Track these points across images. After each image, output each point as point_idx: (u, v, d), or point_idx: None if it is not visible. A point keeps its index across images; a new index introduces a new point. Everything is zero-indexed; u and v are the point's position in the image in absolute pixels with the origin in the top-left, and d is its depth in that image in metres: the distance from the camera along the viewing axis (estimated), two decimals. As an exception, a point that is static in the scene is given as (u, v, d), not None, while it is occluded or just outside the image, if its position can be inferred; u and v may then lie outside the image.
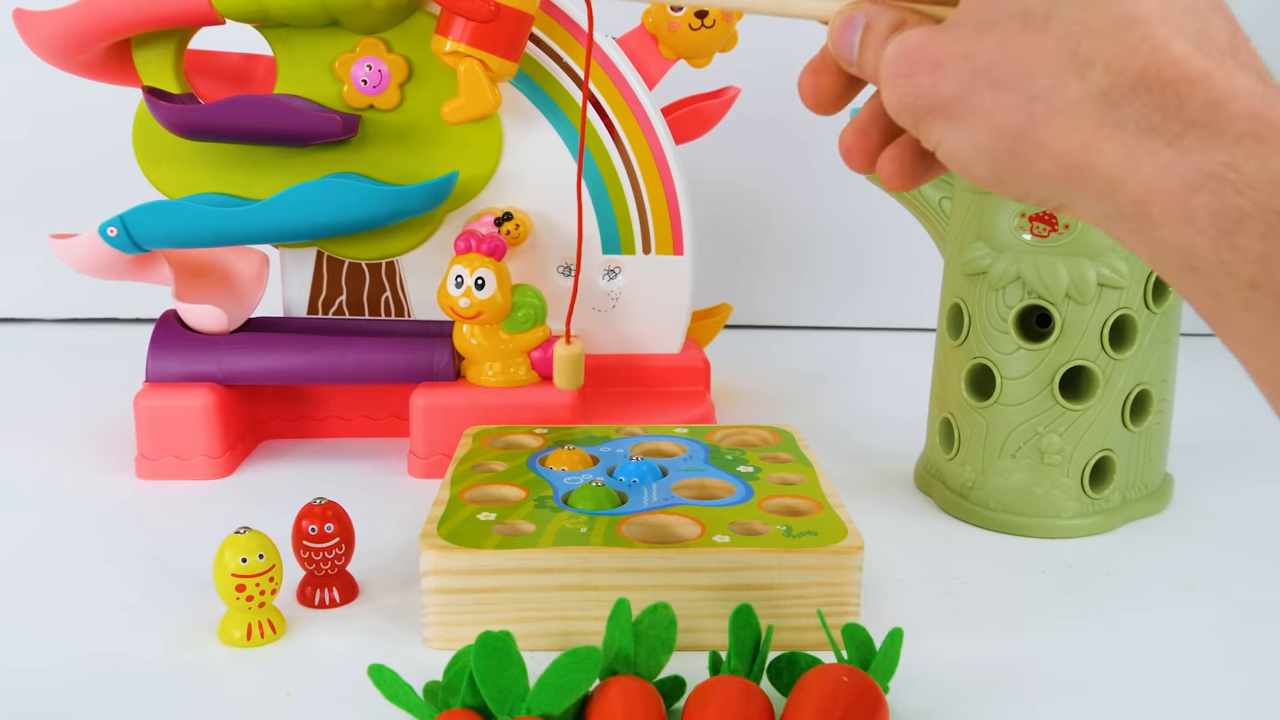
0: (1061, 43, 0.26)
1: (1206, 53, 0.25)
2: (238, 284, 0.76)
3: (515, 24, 0.68)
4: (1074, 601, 0.54)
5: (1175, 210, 0.25)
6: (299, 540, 0.51)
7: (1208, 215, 0.24)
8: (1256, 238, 0.24)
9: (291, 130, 0.68)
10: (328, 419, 0.77)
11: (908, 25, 0.31)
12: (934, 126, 0.29)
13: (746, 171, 1.11)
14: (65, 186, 1.09)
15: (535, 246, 0.75)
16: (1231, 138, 0.24)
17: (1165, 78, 0.25)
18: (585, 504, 0.52)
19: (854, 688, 0.40)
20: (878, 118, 0.34)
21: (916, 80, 0.29)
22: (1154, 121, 0.25)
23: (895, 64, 0.30)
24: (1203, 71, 0.25)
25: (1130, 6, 0.26)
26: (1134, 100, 0.25)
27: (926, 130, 0.30)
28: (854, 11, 0.32)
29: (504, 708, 0.39)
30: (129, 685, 0.45)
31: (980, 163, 0.29)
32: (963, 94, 0.28)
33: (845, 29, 0.32)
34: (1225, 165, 0.24)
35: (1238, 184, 0.24)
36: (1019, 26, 0.27)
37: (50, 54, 0.69)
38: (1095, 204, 0.27)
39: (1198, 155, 0.25)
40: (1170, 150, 0.25)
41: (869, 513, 0.63)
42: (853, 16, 0.32)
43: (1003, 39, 0.27)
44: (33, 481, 0.69)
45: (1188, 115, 0.25)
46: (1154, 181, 0.25)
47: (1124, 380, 0.60)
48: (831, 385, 0.95)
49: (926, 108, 0.29)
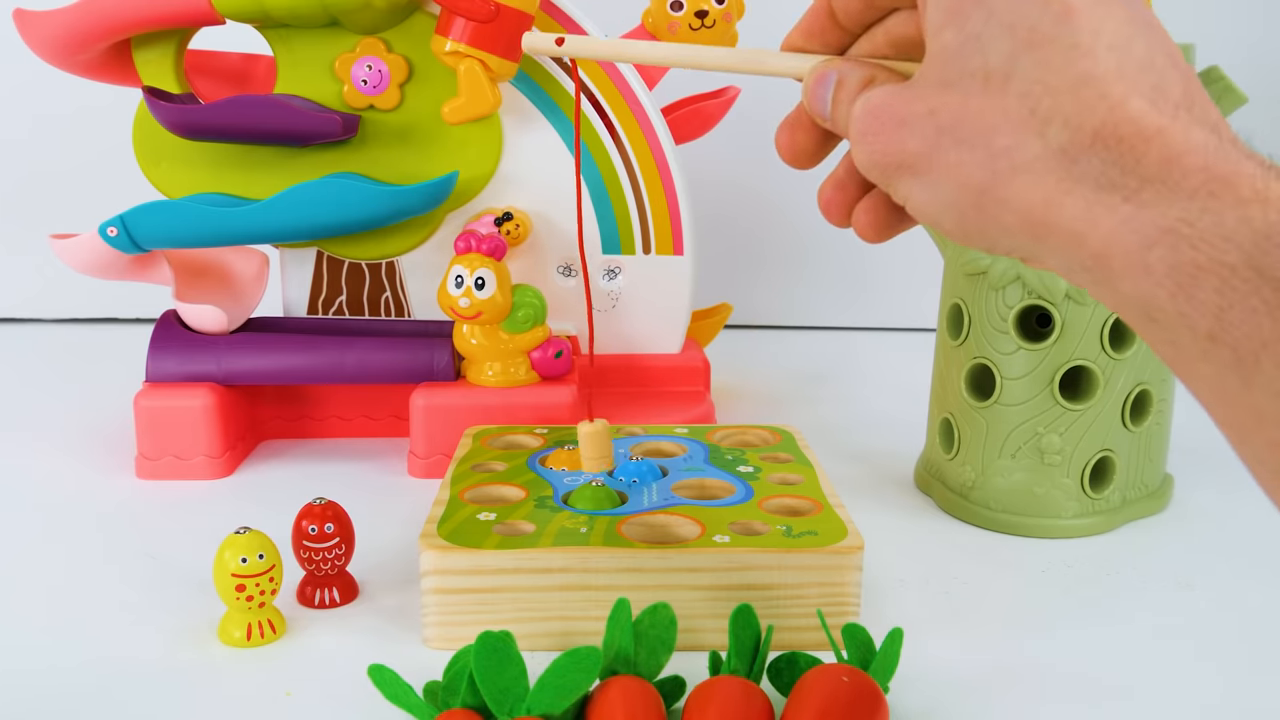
0: (1021, 101, 0.27)
1: (1161, 109, 0.26)
2: (238, 284, 0.76)
3: (515, 24, 0.68)
4: (1074, 601, 0.54)
5: (1133, 264, 0.25)
6: (299, 540, 0.51)
7: (1164, 269, 0.25)
8: (1212, 291, 0.24)
9: (291, 130, 0.69)
10: (328, 419, 0.77)
11: (877, 81, 0.32)
12: (901, 182, 0.30)
13: (746, 171, 1.11)
14: (65, 186, 1.09)
15: (535, 246, 0.75)
16: (1186, 193, 0.25)
17: (1121, 134, 0.26)
18: (585, 504, 0.52)
19: (854, 688, 0.40)
20: (854, 172, 0.34)
21: (884, 137, 0.30)
22: (1112, 177, 0.26)
23: (862, 121, 0.31)
24: (1158, 127, 0.25)
25: (1087, 65, 0.26)
26: (1092, 156, 0.26)
27: (895, 185, 0.31)
28: (826, 68, 0.33)
29: (504, 708, 0.39)
30: (129, 685, 0.45)
31: (948, 216, 0.29)
32: (928, 150, 0.29)
33: (818, 85, 0.33)
34: (1180, 220, 0.25)
35: (1192, 239, 0.24)
36: (980, 85, 0.28)
37: (50, 54, 0.69)
38: (1058, 256, 0.28)
39: (1153, 210, 0.25)
40: (1128, 205, 0.26)
41: (869, 513, 0.63)
42: (825, 73, 0.33)
43: (964, 97, 0.28)
44: (33, 481, 0.69)
45: (1144, 171, 0.25)
46: (1113, 236, 0.26)
47: (1124, 380, 0.60)
48: (831, 385, 0.95)
49: (894, 164, 0.30)
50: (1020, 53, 0.27)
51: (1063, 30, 0.26)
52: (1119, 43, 0.26)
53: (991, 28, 0.27)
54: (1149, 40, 0.27)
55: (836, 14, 0.34)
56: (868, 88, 0.32)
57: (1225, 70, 0.57)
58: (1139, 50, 0.26)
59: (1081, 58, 0.26)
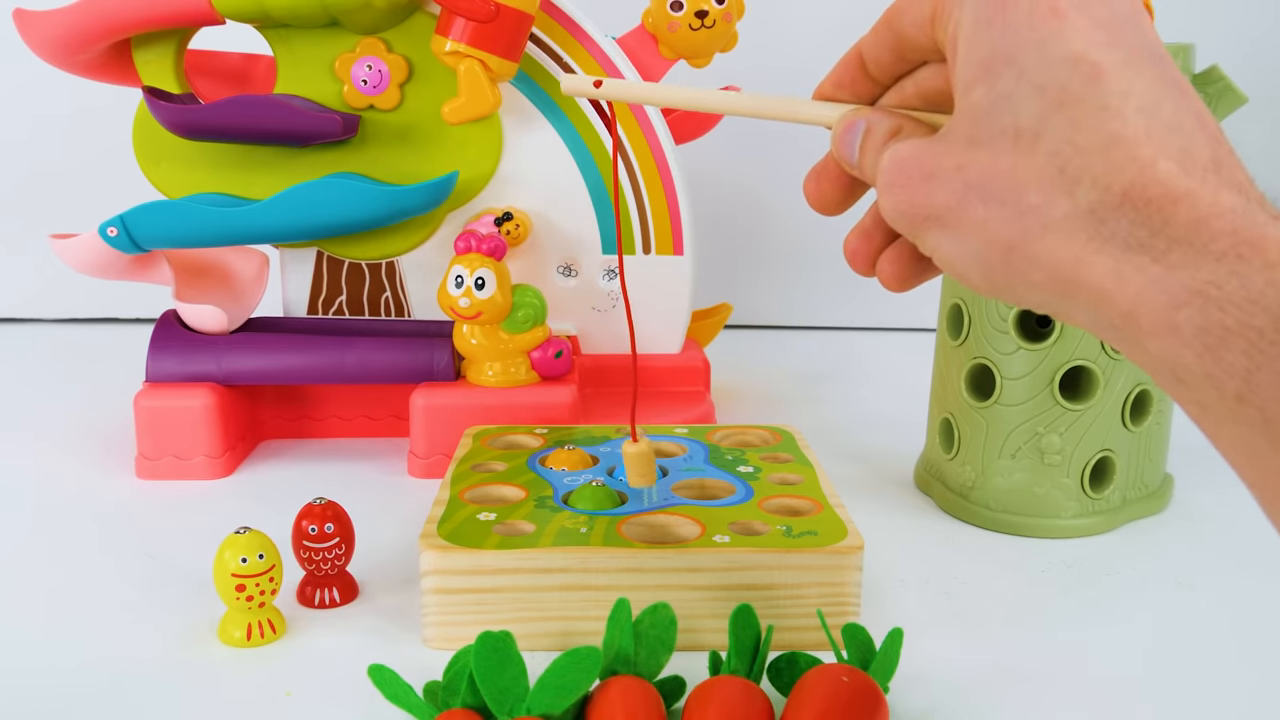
0: (1051, 160, 0.27)
1: (1189, 171, 0.26)
2: (238, 284, 0.76)
3: (515, 24, 0.68)
4: (1074, 601, 0.54)
5: (1161, 323, 0.26)
6: (299, 540, 0.51)
7: (1192, 330, 0.25)
8: (1240, 354, 0.24)
9: (291, 130, 0.69)
10: (328, 419, 0.77)
11: (904, 132, 0.32)
12: (929, 234, 0.31)
13: (746, 171, 1.11)
14: (65, 186, 1.09)
15: (535, 246, 0.75)
16: (1214, 255, 0.25)
17: (1150, 195, 0.26)
18: (585, 504, 0.52)
19: (854, 688, 0.40)
20: (880, 222, 0.35)
21: (910, 190, 0.30)
22: (1140, 237, 0.26)
23: (890, 173, 0.31)
24: (1186, 189, 0.26)
25: (1117, 126, 0.26)
26: (1120, 217, 0.26)
27: (922, 237, 0.31)
28: (855, 117, 0.34)
29: (504, 708, 0.39)
30: (129, 685, 0.45)
31: (975, 270, 0.30)
32: (956, 205, 0.29)
33: (847, 133, 0.34)
34: (1208, 282, 0.25)
35: (1220, 301, 0.25)
36: (1010, 143, 0.28)
37: (50, 54, 0.69)
38: (1086, 313, 0.28)
39: (1182, 272, 0.25)
40: (1156, 266, 0.26)
41: (869, 513, 0.63)
42: (854, 122, 0.34)
43: (994, 154, 0.28)
44: (32, 481, 0.69)
45: (1172, 232, 0.26)
46: (1141, 295, 0.26)
47: (1124, 380, 0.60)
48: (831, 385, 0.95)
49: (921, 216, 0.30)
50: (1050, 113, 0.27)
51: (1092, 91, 0.27)
52: (1148, 104, 0.26)
53: (1022, 87, 0.27)
54: (1177, 102, 0.27)
55: (867, 65, 0.34)
56: (895, 137, 0.32)
57: (1225, 70, 0.57)
58: (1167, 112, 0.27)
59: (1111, 119, 0.26)
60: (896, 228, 0.32)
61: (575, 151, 0.74)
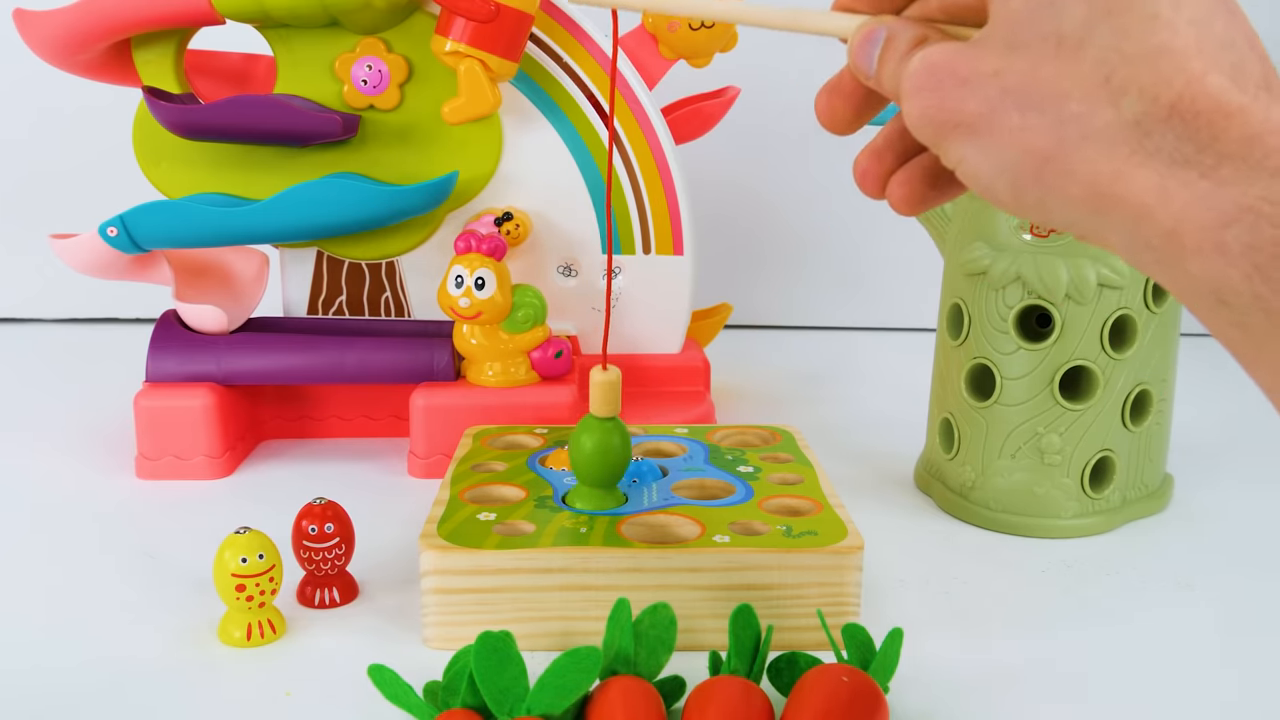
0: (1096, 68, 0.26)
1: (1242, 87, 0.25)
2: (238, 284, 0.76)
3: (515, 24, 0.68)
4: (1074, 601, 0.54)
5: (1207, 242, 0.25)
6: (299, 540, 0.51)
7: (1240, 248, 0.24)
8: None
9: (291, 130, 0.68)
10: (328, 419, 0.77)
11: (929, 42, 0.31)
12: (955, 143, 0.29)
13: (746, 171, 1.11)
14: (65, 186, 1.09)
15: (535, 246, 0.75)
16: (1268, 171, 0.24)
17: (1199, 109, 0.25)
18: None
19: (854, 688, 0.40)
20: (893, 142, 0.34)
21: (941, 94, 0.29)
22: (1187, 153, 0.25)
23: (920, 76, 0.30)
24: (1239, 105, 0.25)
25: (1166, 36, 0.25)
26: (1167, 130, 0.25)
27: (947, 147, 0.30)
28: (876, 25, 0.32)
29: (504, 708, 0.39)
30: (129, 685, 0.45)
31: (1002, 183, 0.29)
32: (989, 112, 0.28)
33: (866, 42, 0.32)
34: (1261, 199, 0.24)
35: (1273, 217, 0.24)
36: (1052, 50, 0.27)
37: (50, 54, 0.69)
38: (1122, 232, 0.27)
39: (1233, 188, 0.25)
40: (1205, 181, 0.25)
41: (869, 513, 0.63)
42: (874, 30, 0.32)
43: (1034, 61, 0.27)
44: (32, 481, 0.69)
45: (1222, 148, 0.25)
46: (1186, 212, 0.25)
47: (1124, 380, 0.60)
48: (831, 385, 0.95)
49: (951, 123, 0.29)
50: (1097, 19, 0.26)
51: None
52: (1200, 17, 0.26)
53: None
54: (1229, 20, 0.26)
55: None
56: (919, 47, 0.31)
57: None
58: (1219, 28, 0.26)
59: (1161, 28, 0.25)
60: (920, 137, 0.30)
61: (575, 151, 0.74)
